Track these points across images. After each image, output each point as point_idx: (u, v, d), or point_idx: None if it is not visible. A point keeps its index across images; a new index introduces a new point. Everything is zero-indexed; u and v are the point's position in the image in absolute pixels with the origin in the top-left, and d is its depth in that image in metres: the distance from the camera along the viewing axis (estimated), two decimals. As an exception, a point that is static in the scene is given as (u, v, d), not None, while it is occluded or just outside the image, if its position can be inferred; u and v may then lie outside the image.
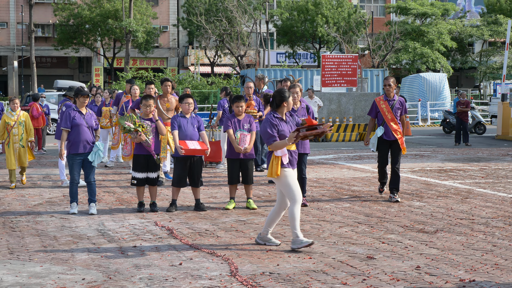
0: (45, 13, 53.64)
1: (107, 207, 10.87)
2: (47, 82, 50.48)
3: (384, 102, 11.56)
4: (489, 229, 9.04)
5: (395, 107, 11.51)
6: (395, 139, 11.51)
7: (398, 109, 11.55)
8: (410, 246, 8.05)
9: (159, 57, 55.94)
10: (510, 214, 10.20)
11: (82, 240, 8.48)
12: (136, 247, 8.05)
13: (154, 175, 10.52)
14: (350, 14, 49.34)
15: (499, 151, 20.91)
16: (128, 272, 6.93)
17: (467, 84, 62.04)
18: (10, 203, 11.32)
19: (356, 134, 25.73)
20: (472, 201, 11.39)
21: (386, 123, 11.46)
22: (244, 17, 44.82)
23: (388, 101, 11.56)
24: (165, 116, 12.81)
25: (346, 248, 7.98)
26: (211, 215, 10.06)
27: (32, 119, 20.63)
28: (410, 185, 13.34)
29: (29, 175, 14.98)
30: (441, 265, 7.16)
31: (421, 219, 9.80)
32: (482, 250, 7.83)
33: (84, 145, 10.21)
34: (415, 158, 18.68)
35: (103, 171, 15.64)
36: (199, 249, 7.93)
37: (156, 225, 9.40)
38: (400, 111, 11.61)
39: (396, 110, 11.52)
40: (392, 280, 6.61)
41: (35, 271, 6.98)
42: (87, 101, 10.41)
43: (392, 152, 11.66)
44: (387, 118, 11.46)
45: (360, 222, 9.63)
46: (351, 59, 27.33)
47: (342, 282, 6.53)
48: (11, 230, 9.12)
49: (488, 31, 51.56)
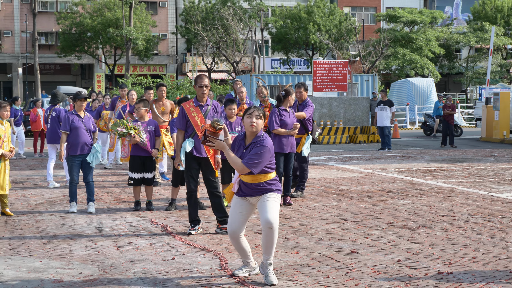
0: (48, 22, 53.68)
1: (105, 206, 10.94)
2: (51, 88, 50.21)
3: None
4: (469, 225, 9.14)
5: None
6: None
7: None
8: (393, 241, 8.14)
9: (159, 63, 55.98)
10: (489, 211, 10.30)
11: (80, 237, 8.55)
12: (131, 243, 8.13)
13: (149, 175, 10.62)
14: (341, 21, 49.47)
15: (482, 152, 21.02)
16: (123, 267, 7.00)
17: (455, 89, 62.20)
18: (13, 202, 11.38)
19: (346, 137, 25.84)
20: (454, 199, 11.49)
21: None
22: (240, 25, 44.90)
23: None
24: (160, 120, 12.90)
25: (331, 243, 8.06)
26: (204, 213, 10.13)
27: (31, 122, 20.75)
28: (396, 185, 13.43)
29: (31, 176, 15.06)
30: (421, 259, 7.24)
31: (404, 216, 9.89)
32: (461, 245, 7.93)
33: (82, 147, 10.29)
34: (402, 159, 18.79)
35: (102, 172, 15.72)
36: (191, 245, 8.01)
37: (151, 223, 9.48)
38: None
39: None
40: (374, 273, 6.70)
41: (34, 266, 7.05)
42: (84, 104, 10.50)
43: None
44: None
45: (346, 219, 9.72)
46: (341, 64, 27.44)
47: (326, 275, 6.61)
48: (12, 228, 9.19)
49: (474, 38, 51.71)
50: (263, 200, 6.35)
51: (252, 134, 6.39)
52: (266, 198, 6.35)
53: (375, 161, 18.42)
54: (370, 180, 14.17)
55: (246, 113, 6.40)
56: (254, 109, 6.39)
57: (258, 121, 6.34)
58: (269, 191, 6.37)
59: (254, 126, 6.32)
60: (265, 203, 6.31)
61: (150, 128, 10.77)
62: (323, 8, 50.07)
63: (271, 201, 6.32)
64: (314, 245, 7.92)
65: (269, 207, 6.27)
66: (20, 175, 15.35)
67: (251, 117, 6.33)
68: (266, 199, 6.34)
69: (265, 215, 6.24)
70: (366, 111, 27.08)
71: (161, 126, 12.64)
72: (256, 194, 6.40)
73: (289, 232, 8.77)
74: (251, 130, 6.34)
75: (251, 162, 6.21)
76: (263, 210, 6.28)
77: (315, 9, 49.38)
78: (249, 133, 6.41)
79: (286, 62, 51.88)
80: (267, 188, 6.37)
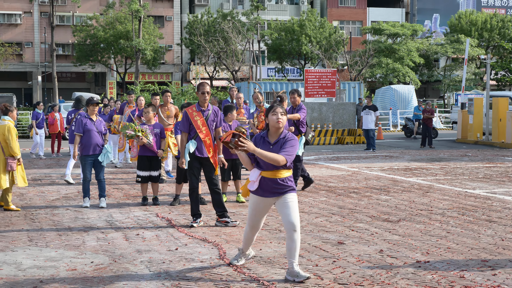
0: (65, 34, 53.63)
1: (115, 201, 10.93)
2: (67, 95, 50.41)
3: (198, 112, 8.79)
4: (445, 219, 9.14)
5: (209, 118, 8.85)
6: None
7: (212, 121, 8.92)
8: (376, 233, 8.14)
9: (165, 72, 55.93)
10: (463, 205, 10.30)
11: (92, 229, 8.54)
12: (138, 235, 8.12)
13: (156, 173, 10.61)
14: (330, 34, 49.47)
15: (458, 152, 21.02)
16: (131, 256, 6.99)
17: (433, 95, 62.20)
18: (32, 198, 11.37)
19: (334, 138, 25.84)
20: (431, 195, 11.48)
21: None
22: (238, 37, 44.88)
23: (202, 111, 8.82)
24: (166, 123, 12.89)
25: (320, 235, 8.05)
26: (205, 208, 10.12)
27: (49, 125, 20.73)
28: (379, 182, 13.42)
29: (48, 174, 15.04)
30: (401, 249, 7.24)
31: (386, 210, 9.88)
32: (437, 236, 7.92)
33: (94, 147, 10.28)
34: (385, 159, 18.78)
35: (113, 170, 15.70)
36: (193, 237, 8.00)
37: (157, 216, 9.46)
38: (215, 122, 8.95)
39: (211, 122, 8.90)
40: (358, 261, 6.69)
41: (50, 256, 7.04)
42: (96, 109, 10.49)
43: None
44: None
45: (334, 213, 9.72)
46: (330, 73, 27.43)
47: (315, 264, 6.61)
48: (31, 221, 9.18)
49: (451, 49, 51.75)
50: (284, 201, 5.96)
51: (277, 130, 6.02)
52: (287, 200, 5.96)
53: (361, 160, 18.41)
54: (356, 178, 14.16)
55: (270, 111, 6.01)
56: (277, 106, 6.01)
57: (283, 117, 5.97)
58: (288, 191, 5.97)
59: (280, 122, 5.95)
60: (286, 205, 5.94)
61: (156, 131, 10.76)
62: (314, 21, 50.09)
63: (291, 203, 5.94)
64: (304, 237, 7.90)
65: (291, 210, 5.91)
66: (38, 173, 15.32)
67: (276, 114, 5.96)
68: (286, 200, 5.96)
69: (288, 218, 5.89)
70: (353, 115, 27.08)
71: (167, 128, 12.64)
72: (276, 194, 5.99)
73: (281, 225, 8.75)
74: (277, 126, 5.96)
75: (289, 155, 5.87)
76: (286, 214, 5.92)
77: (307, 22, 49.40)
78: (274, 130, 6.01)
79: (281, 71, 51.87)
80: (288, 186, 5.99)
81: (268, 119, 6.02)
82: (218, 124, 8.85)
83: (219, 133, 8.83)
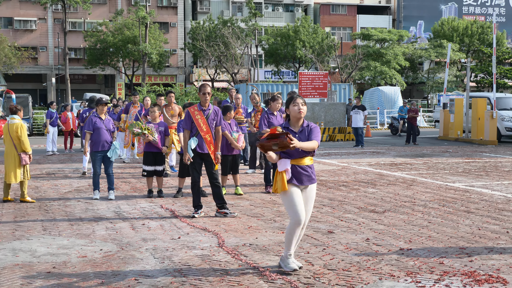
0: (77, 39, 53.54)
1: (123, 194, 10.94)
2: (79, 95, 50.38)
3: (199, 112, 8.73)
4: (427, 210, 9.17)
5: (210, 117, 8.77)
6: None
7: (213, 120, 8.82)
8: (363, 223, 8.16)
9: (170, 74, 55.86)
10: (444, 198, 10.34)
11: (101, 220, 8.56)
12: (144, 225, 8.14)
13: (160, 168, 10.63)
14: (323, 39, 49.44)
15: (440, 149, 21.06)
16: (137, 244, 7.02)
17: (418, 96, 62.22)
18: (46, 191, 11.38)
19: (326, 136, 25.85)
20: (415, 188, 11.51)
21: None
22: (238, 42, 44.85)
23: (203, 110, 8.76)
24: (170, 121, 12.90)
25: (311, 225, 8.08)
26: (206, 200, 10.14)
27: (62, 123, 20.74)
28: (367, 176, 13.45)
29: (62, 169, 15.05)
30: (386, 238, 7.27)
31: (373, 202, 9.91)
32: (419, 226, 7.96)
33: (103, 144, 10.30)
34: (372, 155, 18.81)
35: (121, 165, 15.71)
36: (195, 226, 8.02)
37: (161, 208, 9.48)
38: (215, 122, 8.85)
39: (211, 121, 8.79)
40: (346, 249, 6.72)
41: (62, 244, 7.06)
42: (105, 108, 10.51)
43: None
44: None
45: (325, 204, 9.74)
46: (323, 75, 27.42)
47: (307, 251, 6.63)
48: (45, 212, 9.20)
49: (434, 53, 51.75)
50: (310, 195, 5.81)
51: (298, 120, 5.80)
52: (312, 194, 5.82)
53: (350, 156, 18.44)
54: (345, 172, 14.19)
55: (291, 102, 5.79)
56: (298, 97, 5.81)
57: (304, 107, 5.76)
58: (314, 181, 5.81)
59: (302, 112, 5.75)
60: (311, 200, 5.83)
61: (161, 129, 10.78)
62: (308, 28, 50.06)
63: (313, 199, 5.86)
64: (297, 226, 7.92)
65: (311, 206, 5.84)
66: (52, 168, 15.33)
67: (297, 105, 5.75)
68: (312, 194, 5.82)
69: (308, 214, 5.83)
70: (343, 114, 27.11)
71: (171, 126, 12.66)
72: (306, 182, 5.72)
73: (276, 215, 8.79)
74: (299, 116, 5.75)
75: (319, 140, 5.75)
76: (307, 210, 5.80)
77: (301, 28, 49.39)
78: (295, 120, 5.79)
79: (277, 73, 51.86)
80: (313, 174, 5.80)
81: (289, 110, 5.82)
82: (218, 123, 8.86)
83: (218, 131, 8.84)
